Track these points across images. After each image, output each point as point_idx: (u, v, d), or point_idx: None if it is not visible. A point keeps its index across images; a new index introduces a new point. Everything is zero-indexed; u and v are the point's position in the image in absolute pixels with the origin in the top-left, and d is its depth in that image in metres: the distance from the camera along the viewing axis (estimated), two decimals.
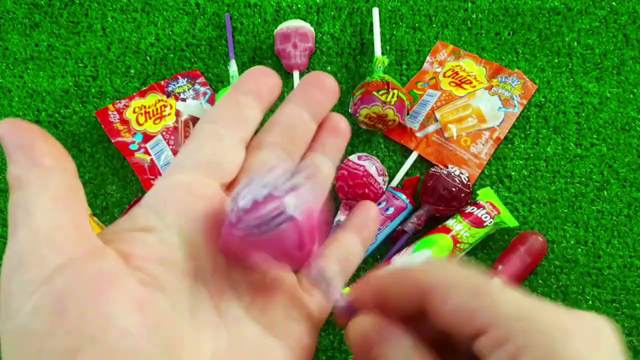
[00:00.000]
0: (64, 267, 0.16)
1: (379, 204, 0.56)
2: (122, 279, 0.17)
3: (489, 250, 0.56)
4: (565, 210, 0.57)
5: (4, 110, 0.62)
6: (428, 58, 0.65)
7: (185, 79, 0.63)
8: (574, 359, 0.15)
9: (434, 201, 0.54)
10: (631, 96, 0.62)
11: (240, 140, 0.22)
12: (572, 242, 0.56)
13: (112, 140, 0.59)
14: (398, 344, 0.18)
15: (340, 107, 0.62)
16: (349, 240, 0.24)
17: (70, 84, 0.63)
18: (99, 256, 0.17)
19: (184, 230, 0.19)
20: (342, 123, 0.25)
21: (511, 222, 0.54)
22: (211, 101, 0.62)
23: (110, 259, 0.17)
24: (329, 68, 0.64)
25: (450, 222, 0.54)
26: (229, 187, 0.22)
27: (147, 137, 0.59)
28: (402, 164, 0.59)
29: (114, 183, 0.59)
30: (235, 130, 0.22)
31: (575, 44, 0.64)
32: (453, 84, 0.62)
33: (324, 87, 0.23)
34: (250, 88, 0.23)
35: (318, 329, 0.22)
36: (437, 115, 0.60)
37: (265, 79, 0.23)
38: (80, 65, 0.64)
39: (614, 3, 0.66)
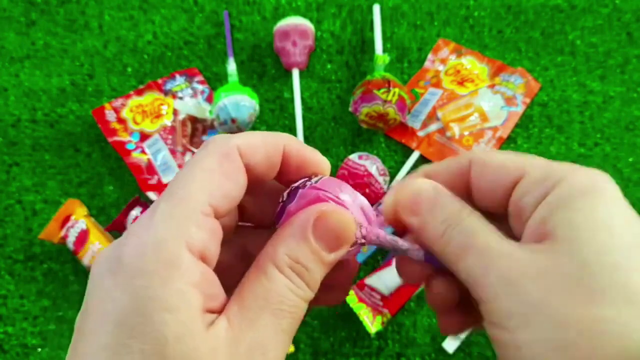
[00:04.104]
0: None
1: (380, 204, 0.55)
2: None
3: None
4: None
5: None
6: (429, 56, 0.64)
7: (183, 77, 0.62)
8: (610, 193, 0.19)
9: None
10: (635, 95, 0.61)
11: None
12: None
13: (109, 140, 0.58)
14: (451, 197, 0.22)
15: (342, 105, 0.61)
16: None
17: (67, 82, 0.63)
18: None
19: None
20: None
21: None
22: (209, 100, 0.61)
23: None
24: (329, 66, 0.63)
25: None
26: None
27: (144, 137, 0.59)
28: (403, 163, 0.58)
29: (111, 183, 0.58)
30: None
31: (579, 42, 0.64)
32: (455, 83, 0.61)
33: None
34: None
35: None
36: (439, 114, 0.59)
37: None
38: (76, 63, 0.64)
39: (617, 1, 0.65)
